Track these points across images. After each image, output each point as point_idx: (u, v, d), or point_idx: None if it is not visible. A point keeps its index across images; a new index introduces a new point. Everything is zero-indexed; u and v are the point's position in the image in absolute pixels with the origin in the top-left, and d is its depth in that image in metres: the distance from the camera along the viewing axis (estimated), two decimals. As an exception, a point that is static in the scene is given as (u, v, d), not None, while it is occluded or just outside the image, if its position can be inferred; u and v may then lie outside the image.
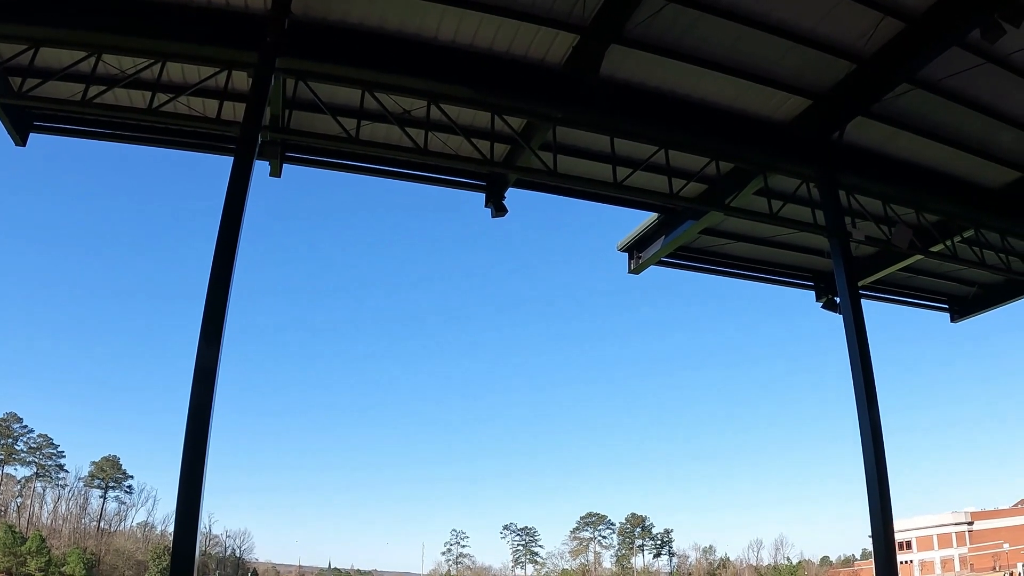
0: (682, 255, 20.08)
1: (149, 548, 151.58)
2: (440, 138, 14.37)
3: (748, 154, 15.69)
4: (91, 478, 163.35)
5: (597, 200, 17.13)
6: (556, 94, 13.68)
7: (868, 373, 14.01)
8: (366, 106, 13.68)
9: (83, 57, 12.44)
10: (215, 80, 13.02)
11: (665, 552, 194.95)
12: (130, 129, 14.75)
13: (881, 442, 13.48)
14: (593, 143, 15.78)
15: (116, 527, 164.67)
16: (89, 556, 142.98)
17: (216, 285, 10.59)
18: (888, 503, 13.21)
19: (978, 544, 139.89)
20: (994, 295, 23.45)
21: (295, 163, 15.15)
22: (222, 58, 12.54)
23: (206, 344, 10.24)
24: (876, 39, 13.26)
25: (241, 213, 11.12)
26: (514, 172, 15.44)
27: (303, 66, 12.73)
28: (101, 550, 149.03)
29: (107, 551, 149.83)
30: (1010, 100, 15.14)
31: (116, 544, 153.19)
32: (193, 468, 9.71)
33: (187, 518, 9.61)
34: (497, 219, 15.97)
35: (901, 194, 17.30)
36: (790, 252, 20.67)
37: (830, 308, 20.82)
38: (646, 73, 14.01)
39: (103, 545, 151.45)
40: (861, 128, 15.49)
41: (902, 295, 23.62)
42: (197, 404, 9.95)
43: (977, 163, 17.13)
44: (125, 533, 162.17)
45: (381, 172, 15.71)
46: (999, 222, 18.83)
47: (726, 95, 14.72)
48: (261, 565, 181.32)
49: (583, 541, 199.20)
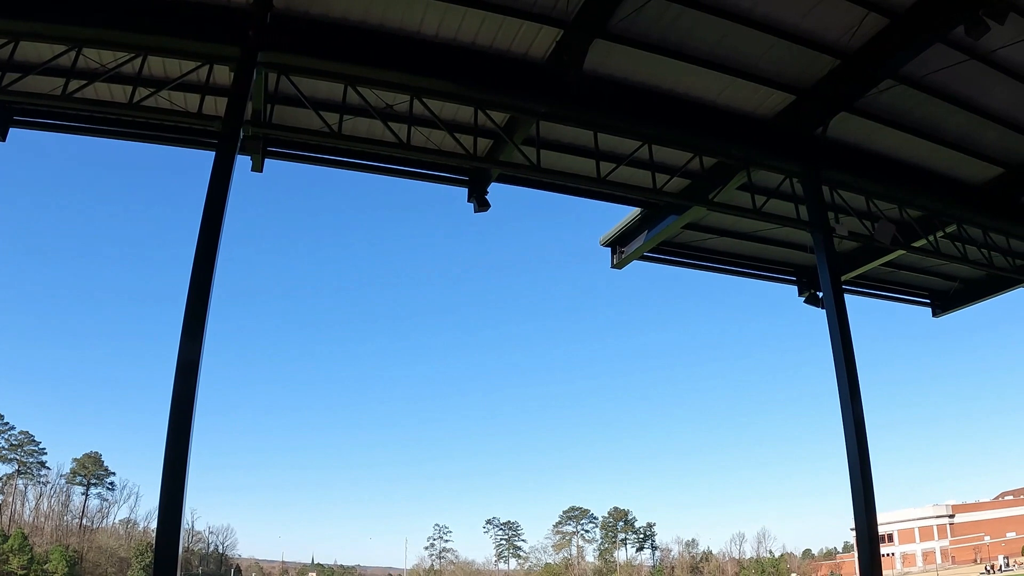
0: (665, 250, 20.10)
1: (132, 545, 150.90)
2: (423, 133, 14.33)
3: (732, 149, 15.69)
4: (73, 475, 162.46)
5: (580, 195, 17.11)
6: (539, 89, 13.64)
7: (851, 367, 14.05)
8: (349, 100, 13.61)
9: (63, 51, 12.29)
10: (197, 74, 12.91)
11: (648, 546, 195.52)
12: (111, 124, 14.62)
13: (864, 436, 13.53)
14: (576, 138, 15.76)
15: (98, 524, 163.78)
16: (72, 553, 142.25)
17: (198, 279, 10.50)
18: (871, 496, 13.25)
19: (959, 537, 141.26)
20: (976, 290, 23.64)
21: (277, 158, 15.06)
22: (204, 52, 12.42)
23: (188, 338, 10.17)
24: (860, 35, 13.26)
25: (223, 207, 11.04)
26: (497, 167, 15.42)
27: (285, 60, 12.65)
28: (84, 547, 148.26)
29: (89, 548, 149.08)
30: (993, 96, 15.22)
31: (99, 541, 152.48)
32: (176, 463, 9.63)
33: (170, 514, 9.52)
34: (479, 214, 15.98)
35: (884, 190, 17.37)
36: (773, 247, 20.73)
37: (812, 303, 20.92)
38: (630, 68, 13.99)
39: (85, 542, 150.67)
40: (845, 124, 15.53)
41: (884, 290, 23.77)
42: (180, 398, 9.86)
43: (960, 159, 17.22)
44: (107, 530, 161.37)
45: (363, 167, 15.63)
46: (981, 218, 18.95)
47: (710, 90, 14.72)
48: (244, 561, 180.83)
49: (566, 535, 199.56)
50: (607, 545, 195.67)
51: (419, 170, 16.07)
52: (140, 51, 12.46)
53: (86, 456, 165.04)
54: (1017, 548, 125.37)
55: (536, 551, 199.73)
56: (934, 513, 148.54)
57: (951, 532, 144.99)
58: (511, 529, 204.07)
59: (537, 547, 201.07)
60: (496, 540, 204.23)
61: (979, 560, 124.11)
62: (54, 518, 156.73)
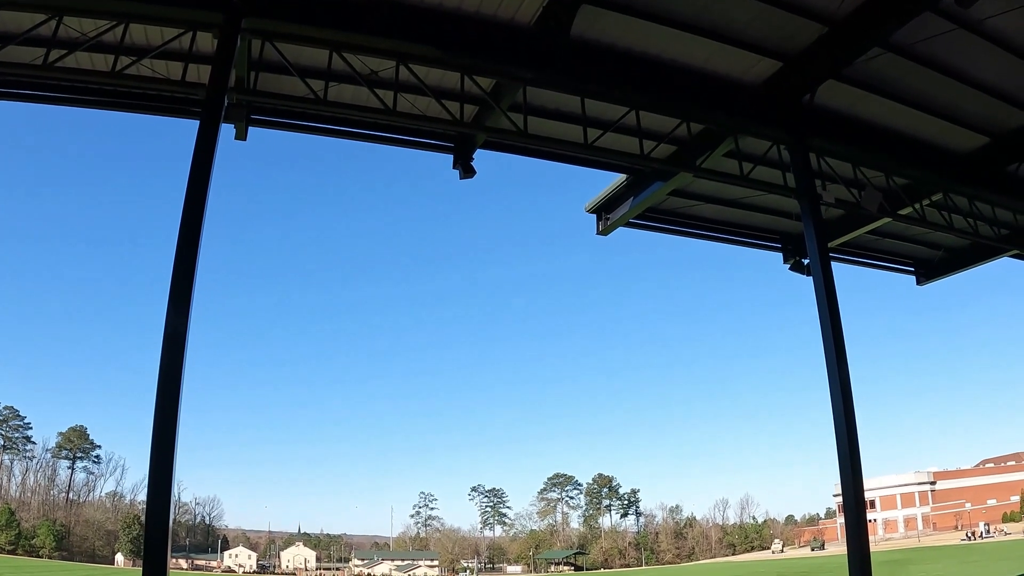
0: (651, 216, 20.07)
1: (119, 518, 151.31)
2: (409, 99, 14.19)
3: (719, 116, 15.64)
4: (59, 449, 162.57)
5: (567, 161, 17.02)
6: (526, 54, 13.50)
7: (838, 333, 14.12)
8: (334, 67, 13.44)
9: (44, 20, 12.09)
10: (179, 42, 12.71)
11: (632, 512, 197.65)
12: (93, 93, 14.39)
13: (851, 402, 13.63)
14: (563, 104, 15.66)
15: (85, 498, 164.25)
16: (59, 528, 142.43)
17: (184, 250, 10.42)
18: (858, 462, 13.39)
19: (940, 503, 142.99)
20: (960, 259, 23.78)
21: (261, 126, 14.89)
22: (186, 19, 12.21)
23: (174, 310, 10.09)
24: (849, 2, 13.16)
25: (208, 176, 10.93)
26: (483, 133, 15.28)
27: (269, 26, 12.44)
28: (71, 521, 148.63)
29: (77, 522, 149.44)
30: (981, 66, 15.19)
31: (85, 515, 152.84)
32: (164, 435, 9.58)
33: (159, 486, 9.48)
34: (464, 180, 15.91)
35: (871, 158, 17.37)
36: (759, 214, 20.75)
37: (797, 270, 20.98)
38: (617, 34, 13.87)
39: (72, 516, 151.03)
40: (832, 91, 15.46)
41: (869, 257, 23.88)
42: (167, 371, 9.80)
43: (947, 128, 17.22)
44: (94, 503, 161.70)
45: (348, 134, 15.48)
46: (967, 187, 19.00)
47: (697, 57, 14.61)
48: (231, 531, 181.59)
49: (551, 502, 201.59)
50: (592, 511, 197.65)
51: (405, 137, 15.98)
52: (122, 18, 12.24)
53: (71, 430, 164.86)
54: (997, 515, 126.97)
55: (521, 518, 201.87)
56: (916, 480, 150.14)
57: (932, 499, 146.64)
58: (496, 496, 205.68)
59: (522, 514, 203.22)
60: (481, 507, 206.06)
61: (960, 527, 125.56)
62: (41, 493, 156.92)
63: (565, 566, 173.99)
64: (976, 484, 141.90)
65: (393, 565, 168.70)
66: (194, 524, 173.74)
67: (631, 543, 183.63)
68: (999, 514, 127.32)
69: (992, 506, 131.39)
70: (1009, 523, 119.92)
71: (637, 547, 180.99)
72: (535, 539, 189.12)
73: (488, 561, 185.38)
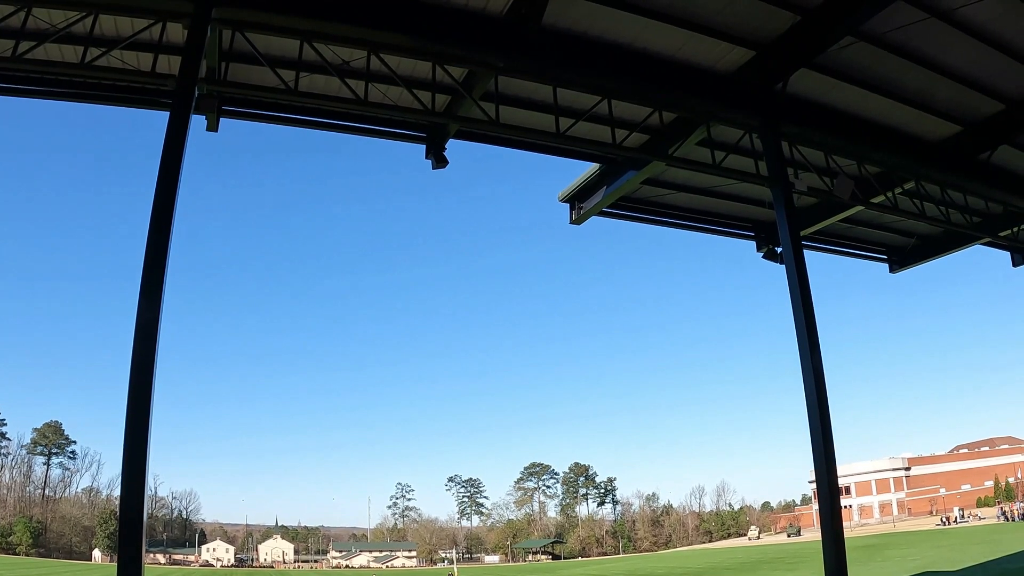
0: (624, 205, 20.11)
1: (95, 513, 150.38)
2: (380, 89, 14.16)
3: (691, 104, 15.66)
4: (34, 445, 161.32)
5: (539, 151, 17.01)
6: (498, 43, 13.44)
7: (811, 321, 14.19)
8: (305, 57, 13.39)
9: (12, 12, 11.94)
10: (149, 32, 12.60)
11: (609, 500, 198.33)
12: (63, 85, 14.23)
13: (824, 389, 13.71)
14: (535, 93, 15.63)
15: (61, 494, 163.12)
16: (35, 524, 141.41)
17: (155, 240, 10.32)
18: (832, 449, 13.47)
19: (915, 489, 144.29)
20: (932, 246, 23.99)
21: (232, 116, 14.77)
22: (156, 8, 12.07)
23: (146, 301, 10.01)
24: (820, -11, 13.24)
25: (179, 167, 10.82)
26: (456, 122, 15.21)
27: (240, 16, 12.30)
28: (47, 518, 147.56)
29: (53, 518, 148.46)
30: (953, 55, 15.29)
31: (62, 511, 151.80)
32: (137, 428, 9.48)
33: (133, 480, 9.39)
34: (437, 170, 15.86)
35: (843, 145, 17.46)
36: (732, 203, 20.84)
37: (770, 258, 21.10)
38: (589, 22, 13.84)
39: (49, 512, 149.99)
40: (804, 79, 15.51)
41: (842, 245, 24.08)
42: (139, 362, 9.70)
43: (919, 116, 17.34)
44: (71, 499, 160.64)
45: (320, 124, 15.39)
46: (939, 175, 19.15)
47: (669, 45, 14.61)
48: (208, 525, 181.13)
49: (527, 491, 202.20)
50: (568, 500, 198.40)
51: (377, 127, 15.92)
52: (91, 9, 12.09)
53: (46, 426, 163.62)
54: (972, 500, 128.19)
55: (498, 507, 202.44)
56: (891, 466, 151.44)
57: (907, 484, 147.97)
58: (473, 486, 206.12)
59: (499, 503, 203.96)
60: (458, 497, 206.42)
61: (935, 512, 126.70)
62: (16, 489, 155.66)
63: (543, 555, 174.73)
64: (950, 470, 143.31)
65: (371, 556, 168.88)
66: (171, 518, 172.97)
67: (608, 531, 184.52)
68: (973, 499, 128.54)
69: (966, 491, 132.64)
70: (983, 508, 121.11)
71: (614, 535, 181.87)
72: (512, 528, 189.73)
73: (466, 551, 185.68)
